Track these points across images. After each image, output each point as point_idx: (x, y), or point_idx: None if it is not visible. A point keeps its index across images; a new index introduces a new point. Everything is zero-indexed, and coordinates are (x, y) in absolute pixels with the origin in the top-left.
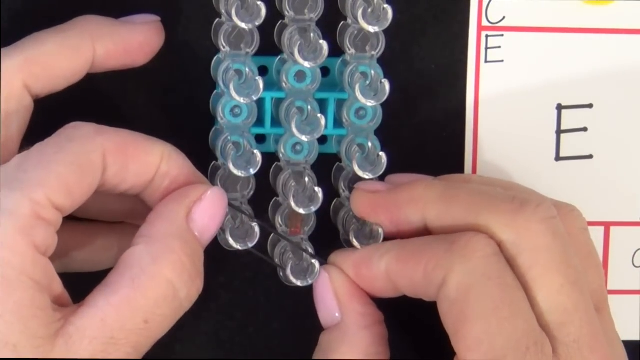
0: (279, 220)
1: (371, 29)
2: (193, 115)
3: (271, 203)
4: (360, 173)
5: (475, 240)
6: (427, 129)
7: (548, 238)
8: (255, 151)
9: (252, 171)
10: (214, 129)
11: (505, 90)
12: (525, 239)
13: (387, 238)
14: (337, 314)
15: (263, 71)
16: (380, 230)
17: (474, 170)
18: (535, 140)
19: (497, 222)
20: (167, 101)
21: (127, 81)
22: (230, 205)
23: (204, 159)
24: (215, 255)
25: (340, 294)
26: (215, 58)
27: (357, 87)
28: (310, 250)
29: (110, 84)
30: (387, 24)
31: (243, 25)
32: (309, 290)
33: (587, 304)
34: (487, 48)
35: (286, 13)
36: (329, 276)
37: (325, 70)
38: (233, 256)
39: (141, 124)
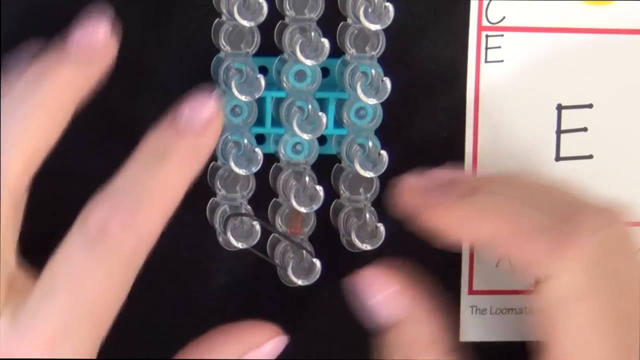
0: (278, 220)
1: (373, 27)
2: None
3: (270, 204)
4: (361, 172)
5: (591, 247)
6: (427, 129)
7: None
8: (257, 149)
9: (254, 169)
10: None
11: (505, 90)
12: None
13: (391, 237)
14: (398, 309)
15: (262, 71)
16: (382, 229)
17: (474, 171)
18: (535, 140)
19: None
20: (166, 101)
21: (127, 81)
22: (235, 213)
23: None
24: (216, 255)
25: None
26: (215, 58)
27: (358, 86)
28: (310, 249)
29: (110, 84)
30: (388, 22)
31: (245, 23)
32: (309, 291)
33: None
34: (487, 48)
35: (287, 12)
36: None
37: (324, 71)
38: (233, 256)
39: (140, 124)
